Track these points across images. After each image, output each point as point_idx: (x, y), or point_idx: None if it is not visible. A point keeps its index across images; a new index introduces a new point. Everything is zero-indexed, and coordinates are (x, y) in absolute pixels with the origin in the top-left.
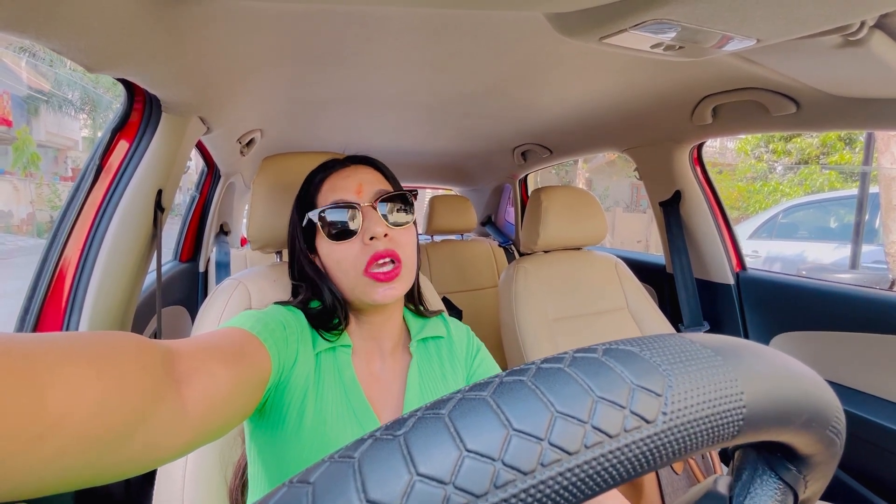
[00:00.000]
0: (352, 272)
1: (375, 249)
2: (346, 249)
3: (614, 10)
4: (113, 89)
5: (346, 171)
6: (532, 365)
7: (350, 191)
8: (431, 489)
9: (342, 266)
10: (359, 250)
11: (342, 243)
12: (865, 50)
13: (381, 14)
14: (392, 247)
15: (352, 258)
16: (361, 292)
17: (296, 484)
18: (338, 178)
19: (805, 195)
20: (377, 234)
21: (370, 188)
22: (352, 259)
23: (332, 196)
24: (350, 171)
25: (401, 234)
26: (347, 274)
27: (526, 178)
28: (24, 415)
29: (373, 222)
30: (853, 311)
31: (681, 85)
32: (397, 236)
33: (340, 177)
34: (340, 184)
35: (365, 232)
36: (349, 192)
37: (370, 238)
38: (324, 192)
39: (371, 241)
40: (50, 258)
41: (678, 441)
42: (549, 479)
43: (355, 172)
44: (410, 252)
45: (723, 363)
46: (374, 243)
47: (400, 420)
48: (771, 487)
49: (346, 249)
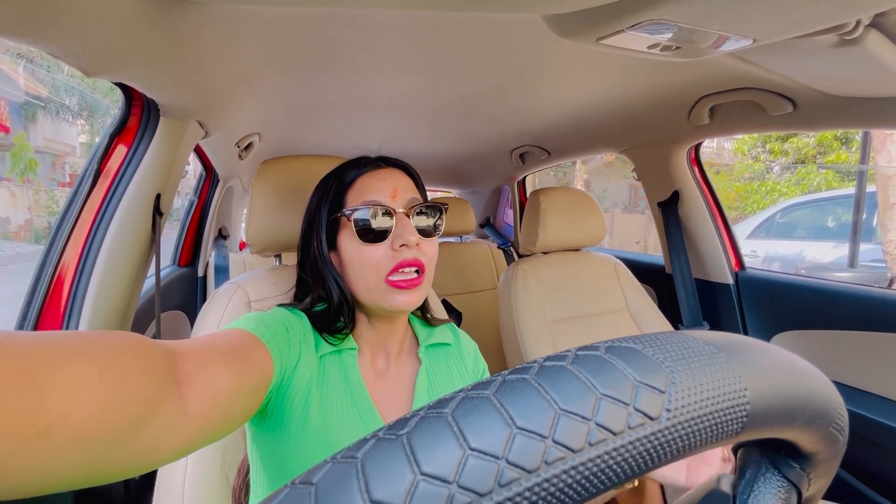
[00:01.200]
0: (373, 276)
1: (404, 257)
2: (373, 252)
3: (611, 10)
4: (111, 94)
5: (381, 172)
6: (534, 363)
7: (385, 194)
8: (435, 488)
9: (363, 268)
10: (385, 255)
11: (370, 245)
12: (861, 49)
13: (378, 17)
14: (419, 256)
15: (376, 262)
16: (380, 297)
17: (298, 485)
18: (373, 179)
19: (802, 195)
20: (409, 243)
21: (405, 195)
22: (375, 262)
23: (366, 196)
24: (386, 173)
25: (428, 245)
26: (367, 277)
27: (524, 179)
28: (24, 414)
29: (406, 230)
30: (852, 309)
31: (678, 85)
32: (425, 247)
33: (376, 178)
34: (376, 185)
35: (396, 238)
36: (384, 194)
37: (400, 245)
38: (356, 189)
39: (400, 249)
40: (48, 263)
41: (682, 438)
42: (554, 477)
43: (391, 176)
44: (433, 264)
45: (726, 360)
46: (402, 251)
47: (402, 420)
48: (774, 485)
49: (372, 252)
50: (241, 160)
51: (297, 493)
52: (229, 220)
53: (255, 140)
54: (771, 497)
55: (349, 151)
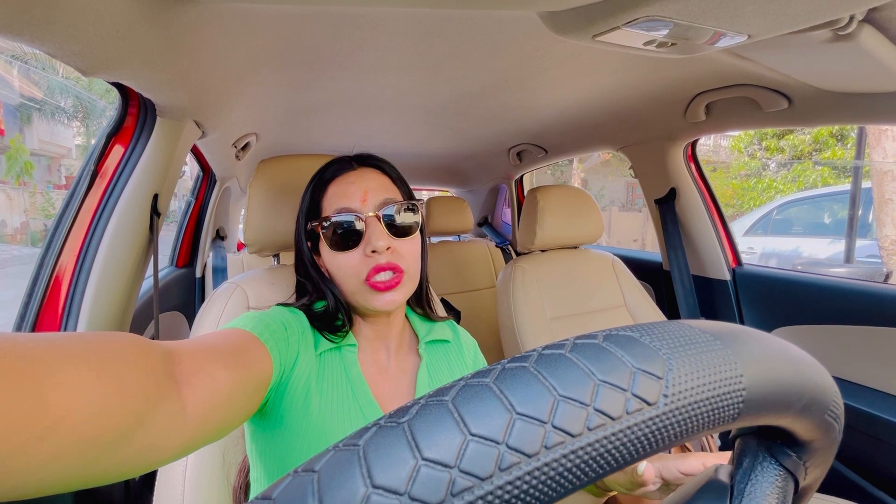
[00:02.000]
0: (353, 280)
1: (377, 262)
2: (348, 258)
3: (607, 7)
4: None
5: (352, 175)
6: (534, 352)
7: (355, 198)
8: (437, 473)
9: (341, 274)
10: (360, 260)
11: (344, 253)
12: (855, 44)
13: (374, 16)
14: (394, 259)
15: (353, 267)
16: (363, 298)
17: (301, 473)
18: (344, 184)
19: (799, 191)
20: (378, 248)
21: (376, 196)
22: (353, 268)
23: (337, 202)
24: (357, 175)
25: (403, 244)
26: (348, 281)
27: (522, 178)
28: (24, 415)
29: (375, 235)
30: (849, 304)
31: (674, 82)
32: (399, 247)
33: (347, 182)
34: (346, 190)
35: (367, 244)
36: (354, 199)
37: (372, 251)
38: (329, 196)
39: (373, 254)
40: (46, 264)
41: (680, 423)
42: (553, 462)
43: (361, 178)
44: (413, 261)
45: (722, 347)
46: (375, 256)
47: (403, 408)
48: (772, 474)
49: (347, 258)
50: (239, 160)
51: (299, 481)
52: (227, 220)
53: (252, 140)
54: (768, 486)
55: (346, 150)
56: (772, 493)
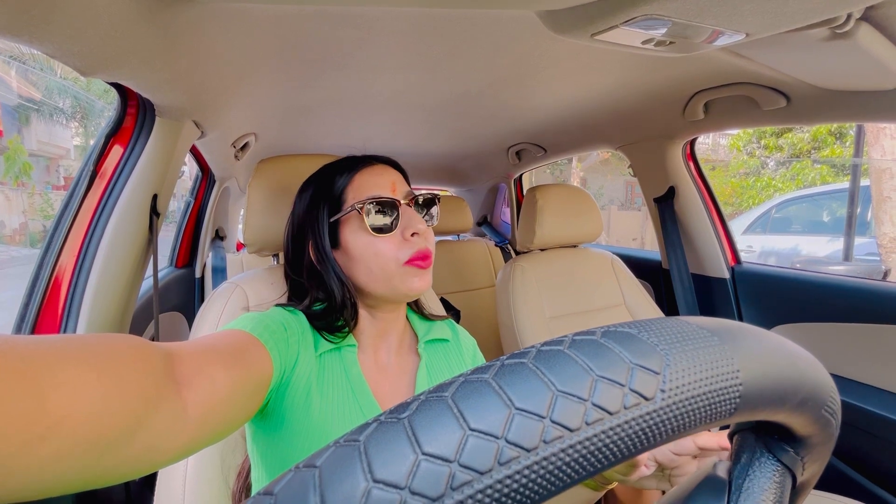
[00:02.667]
0: (392, 263)
1: (419, 247)
2: (386, 243)
3: (605, 6)
4: (105, 96)
5: (376, 168)
6: (532, 348)
7: (385, 188)
8: (437, 467)
9: (380, 259)
10: (397, 246)
11: (382, 237)
12: (852, 42)
13: (373, 15)
14: (428, 244)
15: (391, 252)
16: (399, 282)
17: (302, 468)
18: (371, 175)
19: (797, 190)
20: (420, 231)
21: (401, 188)
22: (391, 253)
23: (368, 192)
24: (381, 168)
25: (429, 232)
26: (386, 265)
27: (521, 177)
28: (24, 416)
29: (414, 219)
30: (848, 301)
31: (673, 81)
32: (427, 234)
33: (373, 173)
34: (375, 180)
35: (406, 228)
36: (385, 189)
37: (412, 234)
38: (355, 186)
39: (412, 238)
40: (45, 265)
41: (677, 418)
42: (552, 456)
43: (386, 171)
44: (434, 250)
45: (719, 343)
46: (415, 239)
47: (403, 404)
48: (769, 470)
49: (385, 243)
50: (238, 160)
51: (300, 476)
52: (226, 221)
53: (251, 140)
54: (766, 481)
55: (345, 150)
56: (770, 489)
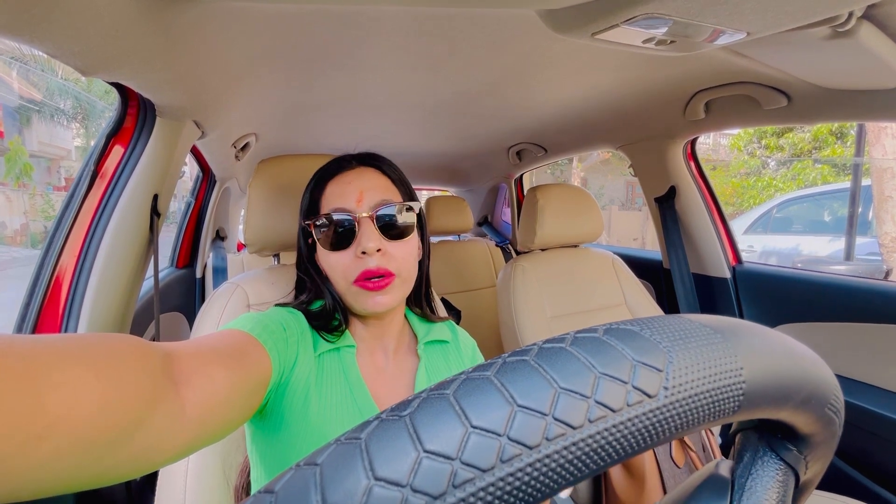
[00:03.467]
0: (342, 281)
1: (366, 266)
2: (340, 258)
3: (605, 5)
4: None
5: (350, 174)
6: (534, 346)
7: (350, 199)
8: (439, 465)
9: (333, 274)
10: (350, 261)
11: (336, 253)
12: (854, 41)
13: (373, 15)
14: (384, 262)
15: (343, 268)
16: (353, 300)
17: (303, 466)
18: (341, 183)
19: (798, 189)
20: (368, 250)
21: (372, 197)
22: (342, 269)
23: (333, 202)
24: (355, 174)
25: (397, 247)
26: (339, 282)
27: (521, 177)
28: (23, 415)
29: (366, 237)
30: (849, 301)
31: (673, 80)
32: (392, 250)
33: (344, 181)
34: (343, 189)
35: (357, 245)
36: (349, 199)
37: (362, 252)
38: (326, 195)
39: (363, 256)
40: (46, 265)
41: (680, 416)
42: (555, 453)
43: (360, 177)
44: (405, 265)
45: (722, 340)
46: (365, 258)
47: (405, 402)
48: (772, 468)
49: (339, 258)
50: (238, 161)
51: (302, 474)
52: (226, 221)
53: (252, 140)
54: (769, 480)
55: (345, 150)
56: (772, 488)
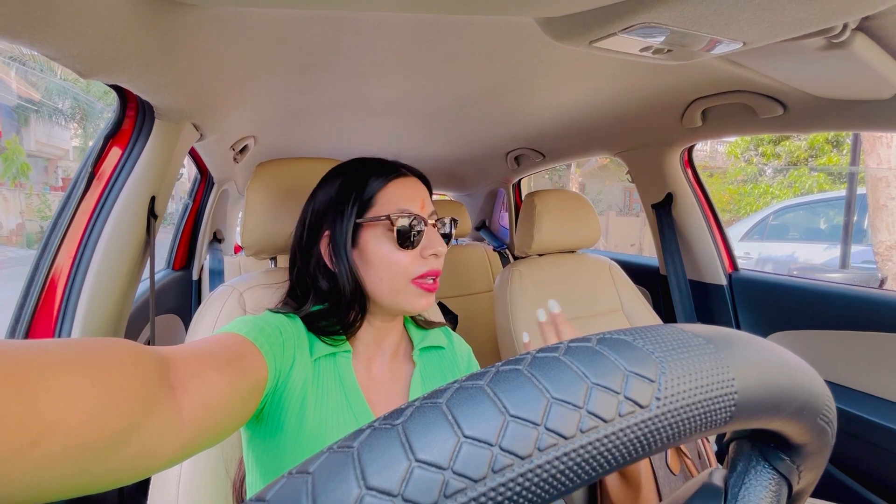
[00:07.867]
0: (401, 279)
1: (432, 266)
2: (405, 257)
3: (603, 14)
4: (104, 98)
5: (409, 181)
6: (527, 355)
7: (416, 204)
8: (430, 474)
9: (393, 270)
10: (412, 261)
11: (404, 251)
12: (848, 52)
13: (373, 20)
14: (440, 267)
15: (406, 266)
16: (403, 298)
17: (295, 474)
18: (404, 186)
19: (795, 197)
20: (439, 253)
21: (429, 206)
22: (405, 266)
23: (398, 203)
24: (413, 182)
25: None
26: (395, 278)
27: (519, 182)
28: (17, 421)
29: (436, 241)
30: (844, 309)
31: (671, 88)
32: (442, 259)
33: (406, 186)
34: (408, 193)
35: (427, 248)
36: (415, 204)
37: (430, 254)
38: (388, 193)
39: (429, 257)
40: (41, 266)
41: (672, 426)
42: (546, 464)
43: (417, 186)
44: None
45: (714, 350)
46: (431, 259)
47: (398, 410)
48: (765, 478)
49: (404, 257)
50: (237, 163)
51: (293, 482)
52: (224, 223)
53: (251, 143)
54: (762, 490)
55: (344, 154)
56: (765, 497)
